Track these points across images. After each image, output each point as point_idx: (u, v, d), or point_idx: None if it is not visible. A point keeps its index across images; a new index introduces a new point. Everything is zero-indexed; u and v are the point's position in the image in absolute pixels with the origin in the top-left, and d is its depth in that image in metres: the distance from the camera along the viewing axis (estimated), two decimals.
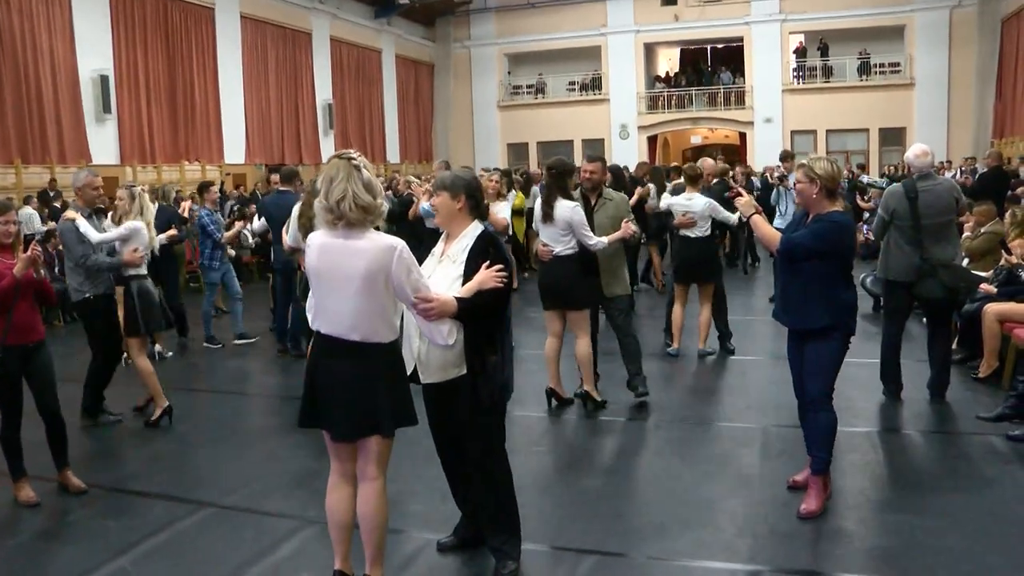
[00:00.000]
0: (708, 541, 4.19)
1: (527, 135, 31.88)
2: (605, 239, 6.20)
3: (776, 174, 11.97)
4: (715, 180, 10.23)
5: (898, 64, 28.54)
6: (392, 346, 3.47)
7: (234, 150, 21.68)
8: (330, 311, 3.41)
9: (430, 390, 3.80)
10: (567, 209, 6.06)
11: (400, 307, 3.50)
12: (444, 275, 3.71)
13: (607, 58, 31.01)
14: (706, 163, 10.00)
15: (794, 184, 4.70)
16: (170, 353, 8.88)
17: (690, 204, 8.04)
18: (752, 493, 4.78)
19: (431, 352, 3.66)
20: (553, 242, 6.18)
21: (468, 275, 3.62)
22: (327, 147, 25.06)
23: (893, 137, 27.98)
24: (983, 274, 7.49)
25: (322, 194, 3.37)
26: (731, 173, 13.33)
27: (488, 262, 3.60)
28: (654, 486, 5.03)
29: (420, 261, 3.60)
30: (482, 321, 3.61)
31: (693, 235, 7.95)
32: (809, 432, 4.63)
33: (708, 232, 7.99)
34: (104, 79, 17.39)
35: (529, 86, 32.72)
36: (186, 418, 6.62)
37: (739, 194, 4.86)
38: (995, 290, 7.12)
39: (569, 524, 4.46)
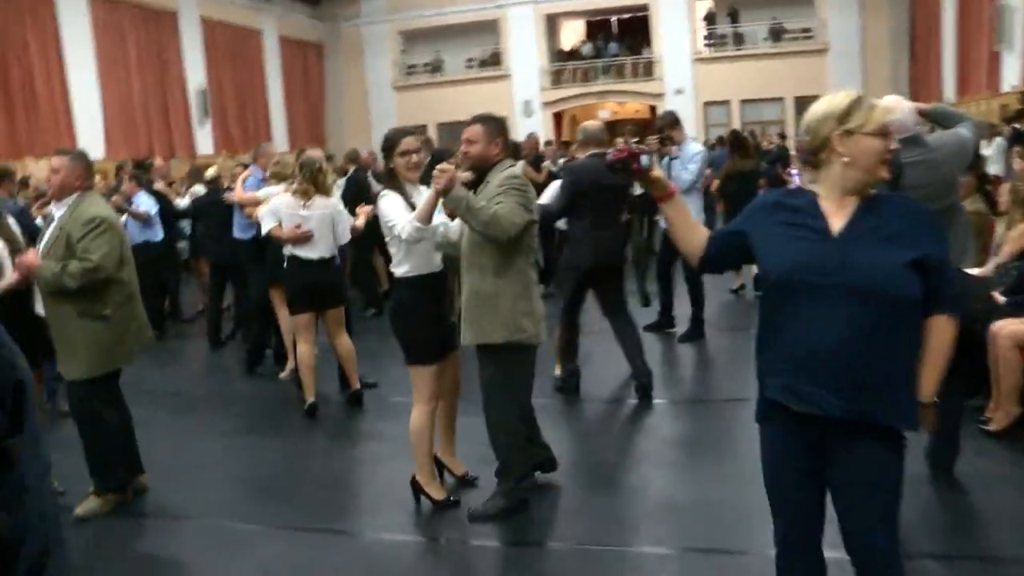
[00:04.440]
0: None
1: (425, 116, 29.48)
2: (411, 217, 4.07)
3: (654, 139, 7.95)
4: (590, 153, 6.41)
5: (810, 30, 27.16)
6: None
7: (92, 144, 18.94)
8: None
9: None
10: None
11: None
12: None
13: (507, 32, 28.92)
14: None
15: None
16: None
17: None
18: None
19: None
20: None
21: None
22: (203, 137, 22.78)
23: (809, 106, 26.51)
24: (973, 271, 5.59)
25: None
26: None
27: None
28: None
29: None
30: None
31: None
32: None
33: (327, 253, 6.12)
34: None
35: (425, 64, 30.39)
36: None
37: (631, 161, 2.62)
38: (1002, 299, 4.83)
39: None
